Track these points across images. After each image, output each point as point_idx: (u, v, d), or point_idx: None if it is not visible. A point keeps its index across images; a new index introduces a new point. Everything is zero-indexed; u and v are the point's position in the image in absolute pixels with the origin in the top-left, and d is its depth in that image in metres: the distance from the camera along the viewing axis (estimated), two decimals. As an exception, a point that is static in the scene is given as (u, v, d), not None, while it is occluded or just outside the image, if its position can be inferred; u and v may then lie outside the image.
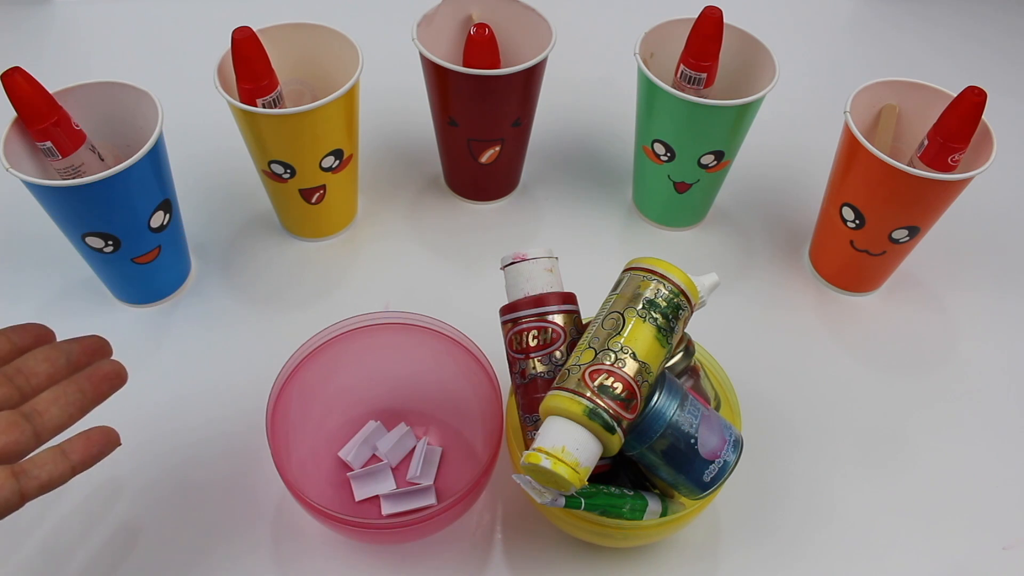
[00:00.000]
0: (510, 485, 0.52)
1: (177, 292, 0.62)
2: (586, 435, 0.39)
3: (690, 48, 0.58)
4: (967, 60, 0.80)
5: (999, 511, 0.53)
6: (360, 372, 0.53)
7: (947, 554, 0.51)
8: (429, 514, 0.44)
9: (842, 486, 0.54)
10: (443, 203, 0.70)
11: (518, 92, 0.60)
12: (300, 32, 0.60)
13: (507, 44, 0.63)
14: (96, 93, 0.55)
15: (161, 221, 0.56)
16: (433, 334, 0.51)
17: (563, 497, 0.40)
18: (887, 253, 0.60)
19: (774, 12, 0.80)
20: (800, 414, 0.57)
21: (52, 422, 0.36)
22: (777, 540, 0.51)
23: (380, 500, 0.51)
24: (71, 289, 0.62)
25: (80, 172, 0.53)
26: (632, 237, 0.68)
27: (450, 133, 0.63)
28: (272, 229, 0.67)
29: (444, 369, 0.52)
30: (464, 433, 0.54)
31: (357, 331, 0.51)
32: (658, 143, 0.61)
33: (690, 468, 0.43)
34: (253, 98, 0.55)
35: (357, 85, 0.57)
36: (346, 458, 0.52)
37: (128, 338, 0.59)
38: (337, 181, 0.61)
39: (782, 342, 0.61)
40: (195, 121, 0.66)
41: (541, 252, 0.46)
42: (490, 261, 0.49)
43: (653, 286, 0.43)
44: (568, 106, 0.76)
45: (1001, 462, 0.55)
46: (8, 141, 0.51)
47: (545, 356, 0.44)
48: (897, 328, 0.63)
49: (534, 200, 0.70)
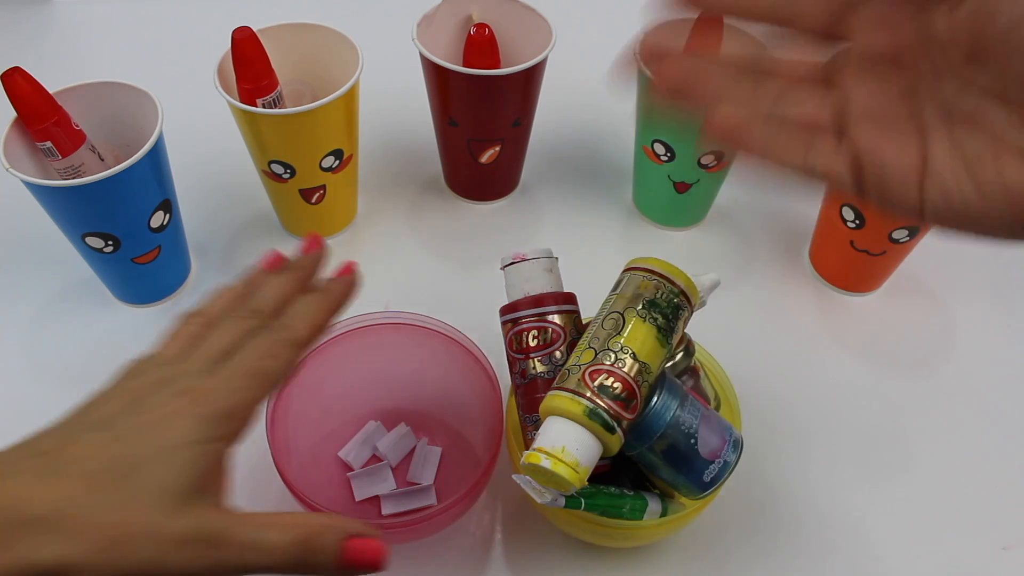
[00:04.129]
0: (510, 485, 0.52)
1: (177, 292, 0.62)
2: (586, 435, 0.39)
3: (690, 48, 0.58)
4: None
5: (999, 511, 0.53)
6: (360, 372, 0.53)
7: (947, 554, 0.51)
8: (429, 514, 0.44)
9: (842, 486, 0.54)
10: (443, 203, 0.70)
11: (518, 92, 0.60)
12: (300, 32, 0.60)
13: (507, 44, 0.63)
14: (96, 93, 0.55)
15: (161, 221, 0.56)
16: (433, 334, 0.51)
17: (563, 497, 0.40)
18: (887, 253, 0.60)
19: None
20: (800, 414, 0.57)
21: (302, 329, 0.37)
22: (777, 540, 0.51)
23: (380, 500, 0.51)
24: (71, 289, 0.62)
25: (80, 172, 0.53)
26: (632, 237, 0.68)
27: (450, 133, 0.63)
28: (272, 229, 0.67)
29: (444, 369, 0.52)
30: (464, 433, 0.53)
31: (357, 331, 0.51)
32: (658, 143, 0.61)
33: (690, 468, 0.43)
34: (253, 98, 0.55)
35: (357, 85, 0.57)
36: (346, 458, 0.52)
37: (128, 338, 0.59)
38: (337, 181, 0.61)
39: (782, 342, 0.61)
40: (195, 121, 0.66)
41: (541, 252, 0.46)
42: (490, 261, 0.49)
43: (653, 286, 0.43)
44: (568, 106, 0.76)
45: (1001, 462, 0.55)
46: (8, 141, 0.51)
47: (545, 356, 0.44)
48: (897, 328, 0.63)
49: (534, 200, 0.70)
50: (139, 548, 0.30)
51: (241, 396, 0.35)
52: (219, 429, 0.34)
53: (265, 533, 0.32)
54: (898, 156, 0.30)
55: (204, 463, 0.33)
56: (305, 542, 0.32)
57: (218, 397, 0.34)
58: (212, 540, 0.32)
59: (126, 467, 0.31)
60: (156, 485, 0.31)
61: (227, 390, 0.34)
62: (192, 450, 0.32)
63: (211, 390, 0.34)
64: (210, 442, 0.33)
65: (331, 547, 0.33)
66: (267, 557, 0.32)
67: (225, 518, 0.32)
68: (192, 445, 0.32)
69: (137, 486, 0.31)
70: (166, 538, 0.31)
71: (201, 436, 0.33)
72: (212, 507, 0.33)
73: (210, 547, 0.32)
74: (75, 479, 0.31)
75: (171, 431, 0.33)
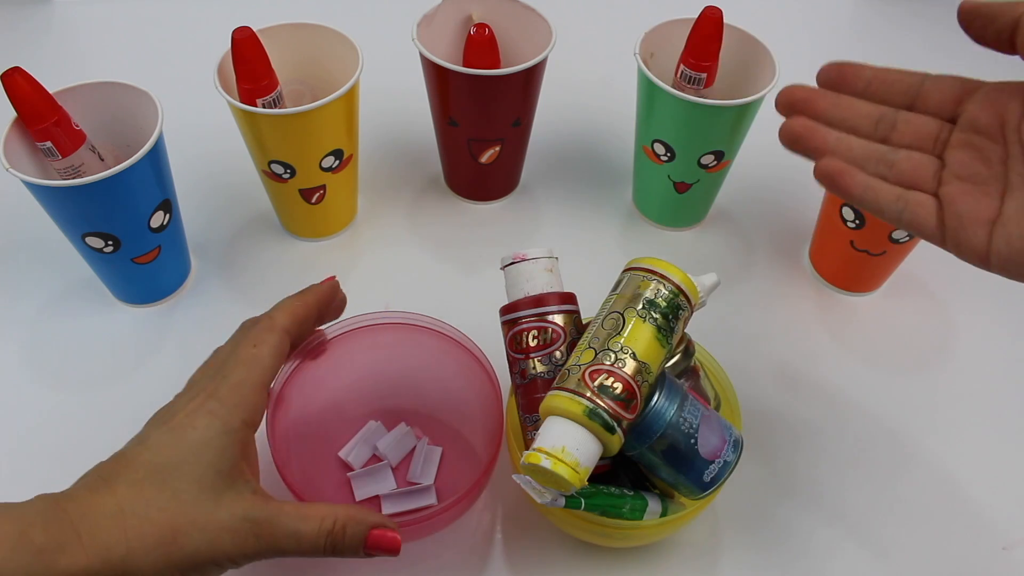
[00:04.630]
0: (510, 485, 0.52)
1: (177, 292, 0.62)
2: (586, 435, 0.39)
3: (690, 48, 0.58)
4: (968, 60, 0.80)
5: (999, 511, 0.53)
6: (360, 372, 0.53)
7: (947, 554, 0.51)
8: (430, 514, 0.44)
9: (842, 486, 0.54)
10: (443, 203, 0.70)
11: (518, 92, 0.60)
12: (300, 32, 0.60)
13: (507, 44, 0.63)
14: (96, 93, 0.55)
15: (161, 221, 0.56)
16: (433, 334, 0.51)
17: (563, 497, 0.40)
18: (887, 253, 0.60)
19: (774, 12, 0.80)
20: (800, 414, 0.57)
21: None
22: (777, 540, 0.51)
23: (380, 500, 0.51)
24: (71, 289, 0.62)
25: (80, 172, 0.53)
26: (632, 237, 0.68)
27: (450, 133, 0.63)
28: (272, 229, 0.67)
29: (444, 369, 0.52)
30: (464, 433, 0.54)
31: (357, 331, 0.51)
32: (658, 143, 0.61)
33: (690, 468, 0.43)
34: (253, 98, 0.55)
35: (357, 85, 0.57)
36: (346, 458, 0.52)
37: (128, 338, 0.59)
38: (337, 181, 0.61)
39: (782, 342, 0.61)
40: (195, 121, 0.66)
41: (541, 252, 0.46)
42: (490, 261, 0.49)
43: (653, 286, 0.43)
44: (568, 106, 0.76)
45: (1001, 462, 0.55)
46: (8, 141, 0.51)
47: (545, 356, 0.44)
48: (897, 328, 0.63)
49: (534, 200, 0.70)
50: (191, 539, 0.35)
51: (241, 384, 0.39)
52: (233, 419, 0.38)
53: (301, 524, 0.37)
54: (975, 207, 0.35)
55: (231, 453, 0.38)
56: (335, 533, 0.38)
57: (226, 391, 0.39)
58: (256, 527, 0.37)
59: (164, 471, 0.36)
60: (194, 482, 0.36)
61: (230, 384, 0.39)
62: (215, 443, 0.37)
63: (218, 386, 0.39)
64: (228, 433, 0.38)
65: (358, 537, 0.38)
66: (303, 545, 0.37)
67: (266, 507, 0.37)
68: (213, 439, 0.37)
69: (176, 486, 0.36)
70: (215, 526, 0.36)
71: (219, 429, 0.38)
72: (251, 494, 0.38)
73: (254, 533, 0.37)
74: (125, 488, 0.36)
75: (194, 431, 0.37)
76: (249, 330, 0.42)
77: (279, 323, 0.43)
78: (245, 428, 0.39)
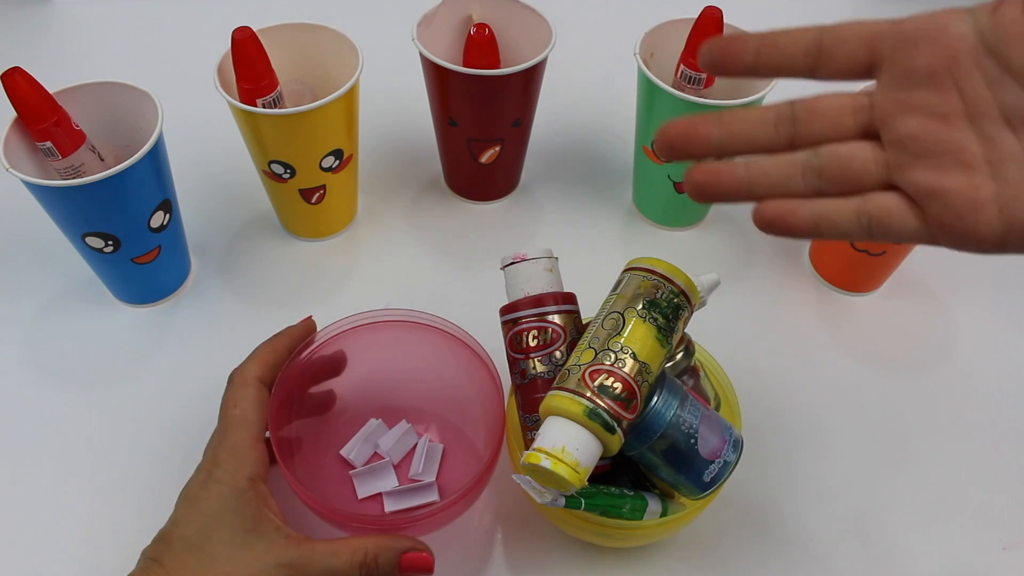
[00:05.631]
0: (510, 485, 0.52)
1: (177, 292, 0.62)
2: (586, 435, 0.39)
3: (690, 48, 0.58)
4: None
5: (999, 511, 0.53)
6: (361, 370, 0.53)
7: (947, 554, 0.51)
8: (432, 510, 0.44)
9: (842, 486, 0.54)
10: (443, 203, 0.70)
11: (518, 92, 0.60)
12: (300, 32, 0.60)
13: (507, 44, 0.63)
14: (96, 93, 0.55)
15: (161, 221, 0.56)
16: (434, 331, 0.51)
17: (563, 497, 0.40)
18: (887, 253, 0.60)
19: (774, 12, 0.80)
20: (800, 414, 0.57)
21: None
22: (777, 540, 0.51)
23: (382, 497, 0.51)
24: (71, 289, 0.62)
25: (80, 172, 0.53)
26: (632, 237, 0.68)
27: (450, 133, 0.63)
28: (272, 229, 0.67)
29: (445, 366, 0.52)
30: (465, 430, 0.54)
31: (358, 329, 0.51)
32: (658, 143, 0.61)
33: (690, 468, 0.43)
34: (253, 98, 0.55)
35: (357, 85, 0.57)
36: (348, 456, 0.52)
37: (128, 338, 0.59)
38: (337, 181, 0.61)
39: (782, 342, 0.61)
40: (195, 121, 0.66)
41: (541, 252, 0.46)
42: (490, 261, 0.49)
43: (653, 286, 0.43)
44: (568, 106, 0.76)
45: (1001, 462, 0.55)
46: (8, 141, 0.51)
47: (545, 356, 0.44)
48: (897, 328, 0.63)
49: (534, 200, 0.70)
50: None
51: (236, 447, 0.42)
52: (239, 481, 0.41)
53: (333, 560, 0.40)
54: (964, 187, 0.28)
55: (250, 509, 0.40)
56: (367, 564, 0.40)
57: (224, 456, 0.42)
58: (291, 570, 0.39)
59: (198, 542, 0.40)
60: (225, 544, 0.39)
61: (227, 449, 0.42)
62: (231, 507, 0.40)
63: (217, 454, 0.42)
64: (239, 495, 0.41)
65: (390, 563, 0.41)
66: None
67: (298, 549, 0.40)
68: (228, 504, 0.40)
69: (212, 551, 0.39)
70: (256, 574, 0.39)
71: (229, 494, 0.41)
72: (283, 540, 0.40)
73: (291, 574, 0.39)
74: (171, 563, 0.39)
75: (209, 502, 0.41)
76: (228, 389, 0.45)
77: (251, 376, 0.45)
78: (252, 484, 0.41)
